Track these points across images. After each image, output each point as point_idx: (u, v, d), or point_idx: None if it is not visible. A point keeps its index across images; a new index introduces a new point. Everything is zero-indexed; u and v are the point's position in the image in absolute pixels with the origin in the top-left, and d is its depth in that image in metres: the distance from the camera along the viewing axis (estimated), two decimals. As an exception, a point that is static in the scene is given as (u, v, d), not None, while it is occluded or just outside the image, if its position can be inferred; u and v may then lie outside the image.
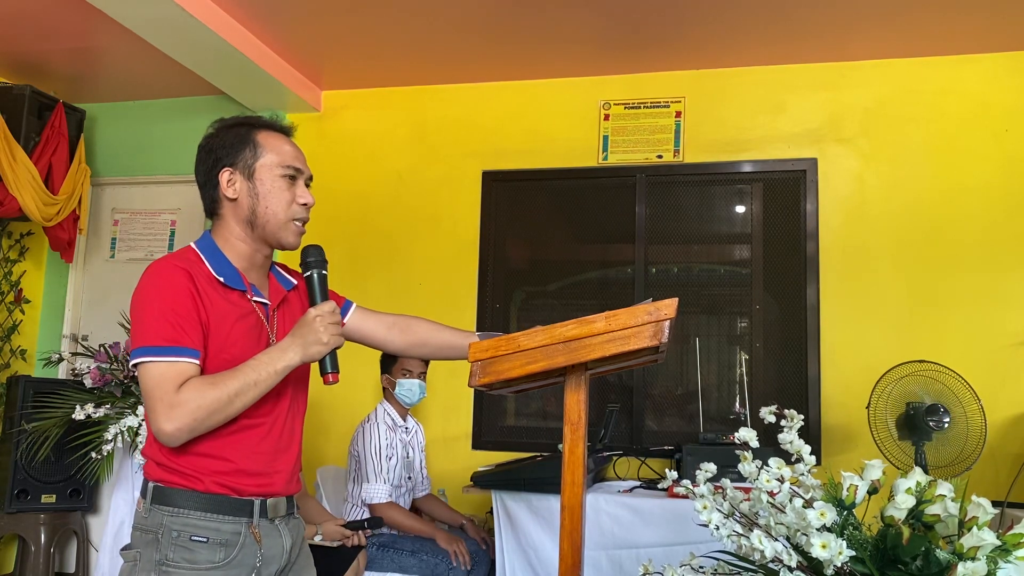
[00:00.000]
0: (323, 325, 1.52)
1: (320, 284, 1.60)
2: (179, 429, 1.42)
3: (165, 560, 1.47)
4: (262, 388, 1.49)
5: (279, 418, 1.60)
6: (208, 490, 1.50)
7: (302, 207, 1.65)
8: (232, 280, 1.57)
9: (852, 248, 3.74)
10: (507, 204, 4.20)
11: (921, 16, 3.40)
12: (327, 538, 2.85)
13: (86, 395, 3.58)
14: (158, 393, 1.43)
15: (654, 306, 1.36)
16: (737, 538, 1.49)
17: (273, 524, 1.58)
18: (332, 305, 1.56)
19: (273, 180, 1.61)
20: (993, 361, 3.51)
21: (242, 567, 1.51)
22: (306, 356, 1.52)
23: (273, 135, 1.65)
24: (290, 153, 1.65)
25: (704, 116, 3.96)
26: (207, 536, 1.48)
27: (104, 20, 3.33)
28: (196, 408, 1.42)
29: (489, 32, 3.68)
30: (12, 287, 4.41)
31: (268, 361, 1.49)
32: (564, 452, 1.42)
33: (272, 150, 1.63)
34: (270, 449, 1.58)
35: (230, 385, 1.45)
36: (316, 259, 1.62)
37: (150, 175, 4.60)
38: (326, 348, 1.52)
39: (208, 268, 1.55)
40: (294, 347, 1.51)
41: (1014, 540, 1.33)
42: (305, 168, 1.68)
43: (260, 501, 1.55)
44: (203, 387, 1.44)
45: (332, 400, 3.96)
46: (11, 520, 3.77)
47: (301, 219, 1.65)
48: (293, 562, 1.64)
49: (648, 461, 3.73)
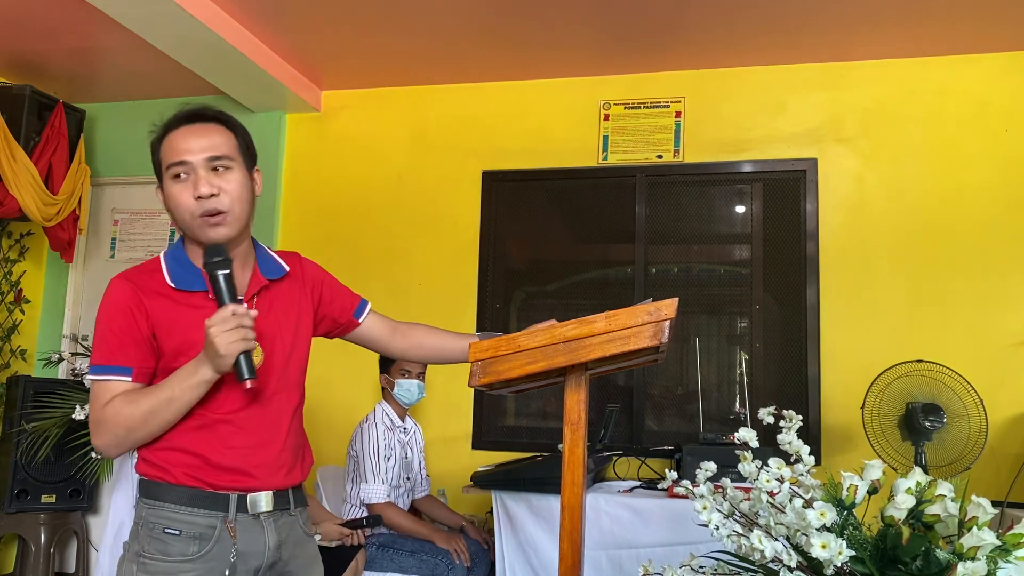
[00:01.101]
0: (217, 335, 1.40)
1: (226, 286, 1.47)
2: (106, 444, 1.49)
3: (142, 551, 1.49)
4: (182, 403, 1.47)
5: (253, 415, 1.56)
6: (180, 482, 1.50)
7: (199, 201, 1.50)
8: (189, 283, 1.54)
9: (852, 248, 3.74)
10: (507, 204, 4.20)
11: (921, 16, 3.40)
12: (326, 538, 2.86)
13: (86, 395, 3.58)
14: (91, 408, 1.50)
15: (654, 306, 1.36)
16: (737, 538, 1.49)
17: (256, 520, 1.54)
18: (230, 310, 1.42)
19: (169, 186, 1.54)
20: (993, 361, 3.51)
21: (216, 561, 1.50)
22: (218, 368, 1.43)
23: (173, 133, 1.54)
24: (177, 147, 1.52)
25: (704, 116, 3.96)
26: (180, 529, 1.49)
27: (104, 20, 3.32)
28: (115, 425, 1.47)
29: (489, 32, 3.68)
30: (12, 287, 4.41)
31: (183, 376, 1.46)
32: (564, 452, 1.42)
33: (166, 152, 1.54)
34: (245, 444, 1.54)
35: (143, 404, 1.46)
36: (218, 260, 1.48)
37: (150, 175, 4.51)
38: (228, 358, 1.41)
39: (165, 277, 1.54)
40: (204, 361, 1.44)
41: (1014, 540, 1.33)
42: (197, 155, 1.51)
43: (237, 496, 1.53)
44: (121, 406, 1.47)
45: (331, 400, 3.96)
46: (11, 520, 3.77)
47: (204, 213, 1.50)
48: (286, 560, 1.59)
49: (648, 461, 3.73)
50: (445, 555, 3.01)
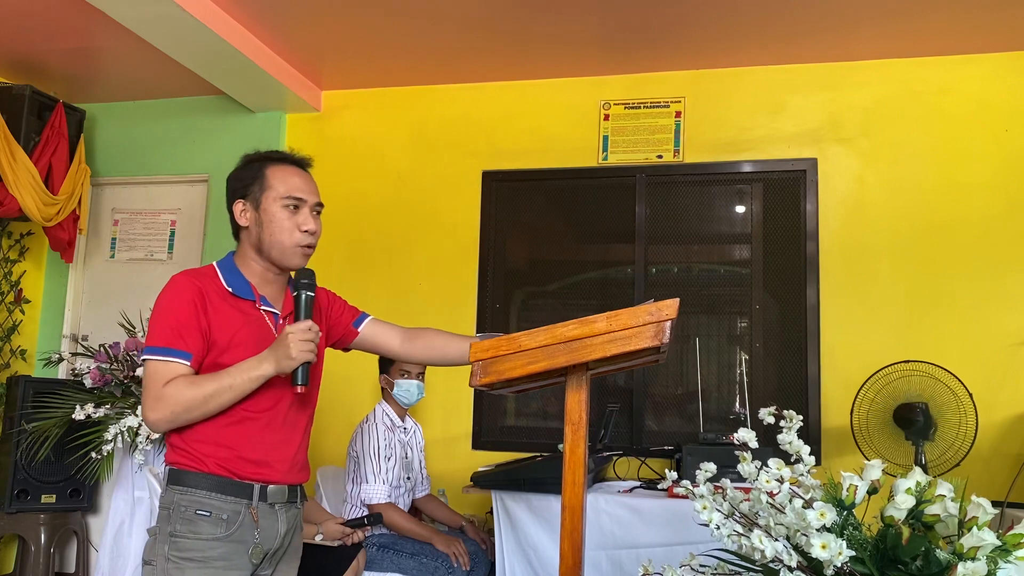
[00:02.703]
0: (295, 342, 1.66)
1: (306, 305, 1.75)
2: (160, 419, 1.66)
3: (175, 531, 1.67)
4: (237, 392, 1.68)
5: (279, 414, 1.78)
6: (212, 471, 1.70)
7: (304, 234, 1.79)
8: (241, 291, 1.78)
9: (852, 248, 3.74)
10: (507, 204, 4.20)
11: (921, 16, 3.40)
12: (328, 537, 2.86)
13: (86, 395, 3.58)
14: (148, 385, 1.67)
15: (656, 306, 1.36)
16: (737, 538, 1.49)
17: (272, 509, 1.76)
18: (308, 324, 1.70)
19: (277, 211, 1.78)
20: (993, 361, 3.51)
21: (240, 543, 1.70)
22: (278, 368, 1.68)
23: (283, 168, 1.83)
24: (295, 185, 1.81)
25: (704, 116, 3.96)
26: (210, 511, 1.68)
27: (104, 20, 3.33)
28: (175, 403, 1.64)
29: (489, 32, 3.68)
30: (12, 287, 4.41)
31: (245, 369, 1.68)
32: (565, 452, 1.42)
33: (278, 182, 1.80)
34: (269, 440, 1.76)
35: (206, 387, 1.66)
36: (306, 282, 1.77)
37: (150, 175, 4.60)
38: (295, 363, 1.67)
39: (222, 282, 1.77)
40: (269, 359, 1.68)
41: (1014, 540, 1.33)
42: (310, 197, 1.82)
43: (260, 486, 1.73)
44: (184, 386, 1.65)
45: (331, 401, 3.96)
46: (11, 520, 3.77)
47: (305, 244, 1.80)
48: (286, 548, 1.81)
49: (648, 461, 3.73)
50: (445, 558, 3.00)
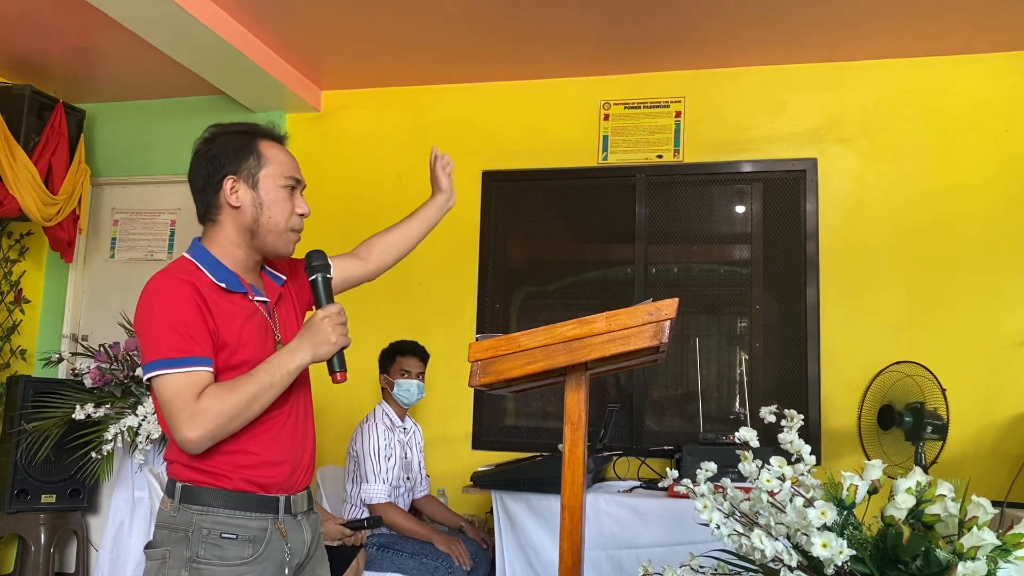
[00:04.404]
0: (331, 326, 1.58)
1: (324, 287, 1.65)
2: (202, 436, 1.46)
3: (196, 557, 1.50)
4: (277, 389, 1.55)
5: (292, 412, 1.65)
6: (236, 488, 1.54)
7: (299, 217, 1.69)
8: (232, 284, 1.60)
9: (852, 248, 3.74)
10: (507, 204, 4.20)
11: (921, 16, 3.40)
12: (327, 537, 2.86)
13: (86, 395, 3.58)
14: (178, 402, 1.46)
15: (655, 306, 1.36)
16: (737, 538, 1.49)
17: (296, 520, 1.63)
18: (339, 307, 1.62)
19: (276, 190, 1.65)
20: (993, 361, 3.51)
21: (270, 562, 1.56)
22: (316, 356, 1.58)
23: (273, 145, 1.69)
24: (290, 164, 1.69)
25: (704, 116, 3.96)
26: (236, 533, 1.53)
27: (104, 20, 3.32)
28: (218, 414, 1.46)
29: (489, 32, 3.68)
30: (12, 287, 4.41)
31: (280, 363, 1.55)
32: (564, 452, 1.42)
33: (274, 160, 1.66)
34: (288, 439, 1.63)
35: (248, 389, 1.50)
36: (320, 263, 1.67)
37: (150, 175, 4.60)
38: (334, 348, 1.58)
39: (208, 276, 1.58)
40: (303, 348, 1.57)
41: (1014, 540, 1.33)
42: (302, 178, 1.72)
43: (284, 498, 1.60)
44: (222, 393, 1.48)
45: (331, 400, 3.96)
46: (11, 520, 3.77)
47: (297, 229, 1.70)
48: (311, 556, 1.69)
49: (648, 461, 3.73)
50: (446, 558, 3.01)
